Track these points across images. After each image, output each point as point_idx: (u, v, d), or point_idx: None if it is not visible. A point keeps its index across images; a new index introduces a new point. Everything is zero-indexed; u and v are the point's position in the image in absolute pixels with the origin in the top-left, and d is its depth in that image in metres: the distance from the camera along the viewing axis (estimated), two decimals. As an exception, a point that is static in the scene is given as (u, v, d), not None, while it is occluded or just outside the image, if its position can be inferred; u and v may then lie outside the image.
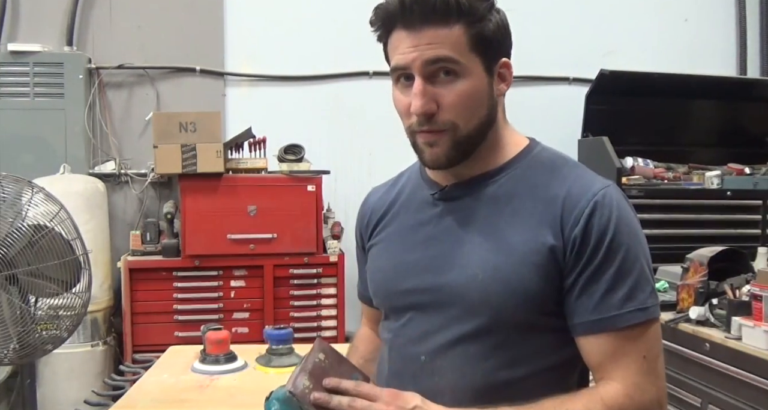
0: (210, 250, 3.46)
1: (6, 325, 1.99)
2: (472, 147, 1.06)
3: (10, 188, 2.06)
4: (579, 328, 1.02)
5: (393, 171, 1.36)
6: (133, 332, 3.44)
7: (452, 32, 1.00)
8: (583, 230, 1.00)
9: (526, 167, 1.09)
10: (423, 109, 1.01)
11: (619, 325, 0.99)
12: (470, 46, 1.01)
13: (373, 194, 1.31)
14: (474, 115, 1.04)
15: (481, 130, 1.06)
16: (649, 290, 1.01)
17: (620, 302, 0.99)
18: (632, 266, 1.00)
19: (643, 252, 1.03)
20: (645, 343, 1.00)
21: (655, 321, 1.02)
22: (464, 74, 1.01)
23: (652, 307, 1.01)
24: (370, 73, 4.02)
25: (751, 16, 4.40)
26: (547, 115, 3.82)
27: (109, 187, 3.75)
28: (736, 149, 3.95)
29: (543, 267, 1.01)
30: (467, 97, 1.02)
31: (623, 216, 1.02)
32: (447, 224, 1.10)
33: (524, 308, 1.01)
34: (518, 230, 1.03)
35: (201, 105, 3.72)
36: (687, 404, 2.59)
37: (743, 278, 2.60)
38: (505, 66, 1.07)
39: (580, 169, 1.09)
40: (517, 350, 1.03)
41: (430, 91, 1.01)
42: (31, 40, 3.66)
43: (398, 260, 1.15)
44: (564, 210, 1.02)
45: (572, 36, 3.99)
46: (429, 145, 1.05)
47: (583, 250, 1.00)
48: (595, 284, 1.00)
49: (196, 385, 2.07)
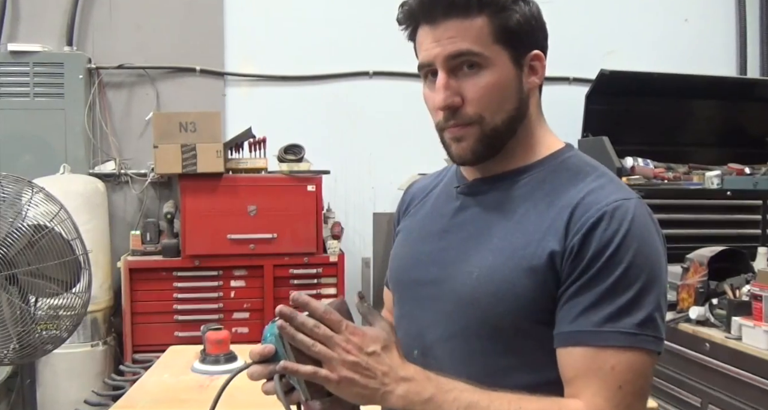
0: (210, 250, 3.46)
1: (6, 325, 1.99)
2: (499, 142, 1.03)
3: (10, 188, 2.07)
4: (556, 339, 0.96)
5: (393, 171, 1.36)
6: (133, 332, 3.44)
7: (474, 24, 0.98)
8: (583, 239, 0.95)
9: (551, 170, 1.05)
10: (446, 102, 0.99)
11: (593, 343, 0.92)
12: (494, 38, 0.99)
13: (417, 183, 1.28)
14: (501, 108, 1.01)
15: (510, 124, 1.03)
16: (640, 319, 0.92)
17: (601, 321, 0.92)
18: (628, 287, 0.93)
19: (650, 277, 0.95)
20: (625, 373, 0.91)
21: (641, 353, 0.92)
22: (488, 66, 0.99)
23: (640, 336, 0.92)
24: (370, 73, 4.02)
25: (751, 16, 4.40)
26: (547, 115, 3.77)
27: (109, 187, 3.75)
28: (736, 149, 3.95)
29: (540, 273, 0.96)
30: (492, 89, 1.00)
31: (635, 232, 0.95)
32: (461, 219, 1.09)
33: (514, 312, 0.97)
34: (524, 233, 1.00)
35: (201, 105, 3.72)
36: (687, 404, 2.59)
37: (743, 278, 2.60)
38: (537, 58, 1.04)
39: (606, 179, 1.03)
40: (507, 359, 0.98)
41: (454, 84, 1.00)
42: (31, 40, 3.66)
43: (414, 249, 1.14)
44: (572, 217, 0.97)
45: (572, 36, 3.99)
46: (456, 140, 1.03)
47: (579, 260, 0.95)
48: (582, 296, 0.94)
49: (196, 385, 2.07)
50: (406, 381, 0.91)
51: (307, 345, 0.89)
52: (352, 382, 0.89)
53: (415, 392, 0.91)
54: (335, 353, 0.89)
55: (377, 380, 0.90)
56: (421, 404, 0.91)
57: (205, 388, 2.04)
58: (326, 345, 0.90)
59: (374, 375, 0.90)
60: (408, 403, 0.91)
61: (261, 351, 0.94)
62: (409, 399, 0.91)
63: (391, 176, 3.84)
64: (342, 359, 0.89)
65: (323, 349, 0.89)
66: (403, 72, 3.87)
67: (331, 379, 0.89)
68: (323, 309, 0.91)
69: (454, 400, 0.91)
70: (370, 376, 0.90)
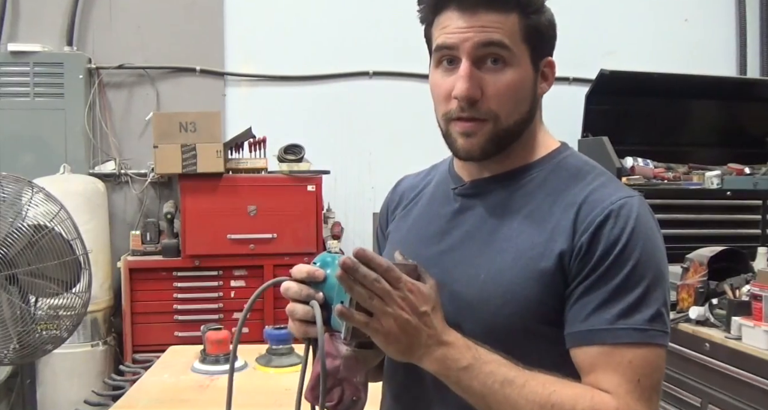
0: (210, 250, 3.46)
1: (6, 325, 1.99)
2: (508, 142, 1.03)
3: (10, 188, 2.07)
4: (569, 338, 0.96)
5: (393, 171, 1.36)
6: (133, 332, 3.44)
7: (508, 19, 0.97)
8: (591, 238, 0.95)
9: (550, 170, 1.05)
10: (468, 92, 0.97)
11: (609, 341, 0.93)
12: (522, 37, 0.99)
13: (405, 181, 1.27)
14: (516, 109, 1.01)
15: (521, 126, 1.03)
16: (650, 315, 0.94)
17: (613, 318, 0.93)
18: (637, 284, 0.94)
19: (656, 274, 0.96)
20: (641, 367, 0.93)
21: (654, 347, 0.94)
22: (513, 64, 0.99)
23: (651, 331, 0.94)
24: (370, 73, 4.02)
25: (751, 16, 4.40)
26: (547, 115, 3.78)
27: (109, 187, 3.75)
28: (736, 149, 3.95)
29: (549, 275, 0.96)
30: (514, 88, 0.99)
31: (640, 230, 0.96)
32: (461, 221, 1.08)
33: (522, 314, 0.97)
34: (529, 235, 1.00)
35: (201, 105, 3.72)
36: (687, 404, 2.59)
37: (743, 278, 2.60)
38: (549, 65, 1.05)
39: (606, 177, 1.04)
40: (516, 360, 0.95)
41: (477, 76, 0.98)
42: (31, 40, 3.66)
43: (412, 253, 1.11)
44: (578, 217, 0.97)
45: (572, 36, 3.97)
46: (465, 135, 1.01)
47: (588, 259, 0.95)
48: (592, 294, 0.95)
49: (196, 385, 2.07)
50: (446, 346, 0.92)
51: (364, 298, 0.89)
52: (398, 339, 0.90)
53: (453, 358, 0.92)
54: (390, 309, 0.89)
55: (421, 340, 0.91)
56: (457, 371, 0.92)
57: (205, 388, 2.04)
58: (383, 299, 0.89)
59: (419, 335, 0.91)
60: (443, 368, 0.92)
61: (311, 270, 0.95)
62: (446, 365, 0.92)
63: (391, 176, 3.75)
64: (396, 315, 0.89)
65: (379, 303, 0.89)
66: (403, 72, 3.87)
67: (380, 332, 0.90)
68: (386, 266, 0.90)
69: (490, 373, 0.91)
70: (416, 336, 0.91)
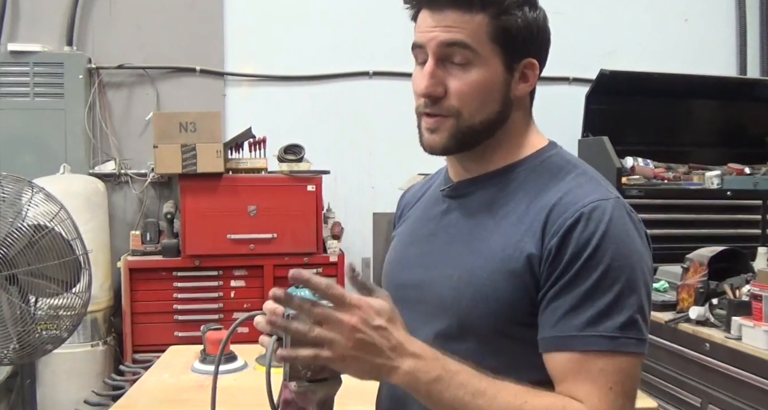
0: (210, 250, 3.46)
1: (6, 325, 1.99)
2: (473, 140, 1.03)
3: (10, 188, 2.07)
4: (541, 343, 0.95)
5: (393, 171, 1.36)
6: (133, 332, 3.44)
7: (473, 19, 0.98)
8: (561, 241, 0.94)
9: (531, 170, 1.05)
10: (428, 90, 1.00)
11: (578, 348, 0.92)
12: (490, 38, 0.99)
13: (410, 190, 1.30)
14: (482, 108, 1.01)
15: (488, 126, 1.03)
16: (621, 322, 0.91)
17: (582, 325, 0.92)
18: (608, 289, 0.92)
19: (630, 279, 0.93)
20: (613, 375, 0.91)
21: (626, 355, 0.92)
22: (478, 64, 0.99)
23: (622, 339, 0.91)
24: (370, 73, 4.02)
25: (751, 16, 4.40)
26: (547, 115, 3.77)
27: (109, 187, 3.75)
28: (736, 149, 3.96)
29: (519, 276, 0.96)
30: (477, 87, 1.00)
31: (613, 234, 0.94)
32: (446, 222, 1.09)
33: (494, 315, 0.97)
34: (502, 235, 1.00)
35: (201, 105, 3.72)
36: (687, 404, 2.59)
37: (743, 278, 2.60)
38: (530, 67, 1.04)
39: (585, 177, 1.02)
40: (489, 360, 0.95)
41: (440, 74, 1.00)
42: (31, 40, 3.66)
43: (402, 253, 1.16)
44: (549, 219, 0.96)
45: (572, 36, 3.99)
46: (429, 130, 1.03)
47: (557, 262, 0.94)
48: (561, 299, 0.93)
49: (196, 385, 2.06)
50: (414, 358, 0.89)
51: (304, 333, 0.85)
52: (356, 359, 0.86)
53: (423, 370, 0.89)
54: (335, 334, 0.85)
55: (384, 355, 0.87)
56: (427, 383, 0.88)
57: (205, 388, 2.03)
58: (327, 323, 0.85)
59: (381, 351, 0.87)
60: (413, 380, 0.88)
61: (271, 307, 0.93)
62: (416, 377, 0.88)
63: (391, 176, 3.83)
64: (347, 337, 0.85)
65: (322, 332, 0.85)
66: (403, 72, 3.86)
67: (334, 358, 0.86)
68: (325, 285, 0.86)
69: (461, 384, 0.89)
70: (377, 352, 0.87)
